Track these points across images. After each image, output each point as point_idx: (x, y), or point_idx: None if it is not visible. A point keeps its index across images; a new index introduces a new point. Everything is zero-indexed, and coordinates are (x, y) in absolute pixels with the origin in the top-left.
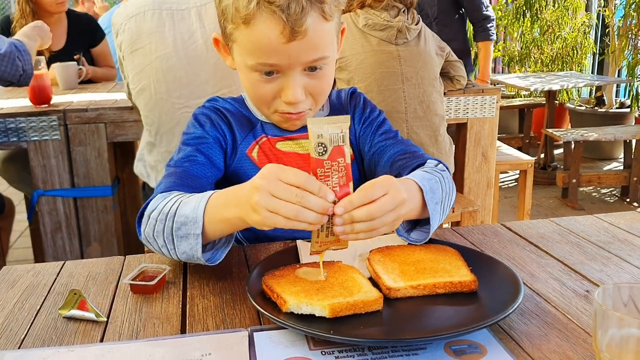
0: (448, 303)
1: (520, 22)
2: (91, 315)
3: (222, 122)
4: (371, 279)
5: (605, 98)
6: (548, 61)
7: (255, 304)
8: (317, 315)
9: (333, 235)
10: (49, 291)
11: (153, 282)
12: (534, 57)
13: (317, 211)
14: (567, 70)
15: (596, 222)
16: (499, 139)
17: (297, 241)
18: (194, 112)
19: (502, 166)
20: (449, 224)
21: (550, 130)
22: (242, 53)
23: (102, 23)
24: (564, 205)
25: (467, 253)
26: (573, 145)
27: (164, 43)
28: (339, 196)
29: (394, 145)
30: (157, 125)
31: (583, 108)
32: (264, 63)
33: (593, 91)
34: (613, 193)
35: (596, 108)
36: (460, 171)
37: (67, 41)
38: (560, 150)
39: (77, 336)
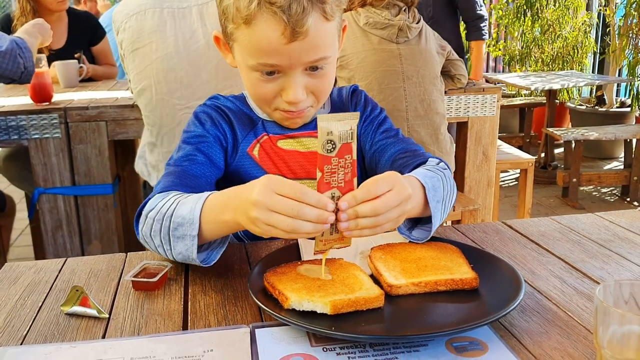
0: (449, 300)
1: (521, 21)
2: (93, 311)
3: (223, 121)
4: (372, 276)
5: (605, 97)
6: (549, 60)
7: (256, 301)
8: (319, 312)
9: (337, 232)
10: (51, 288)
11: (155, 279)
12: (535, 57)
13: (314, 221)
14: (568, 69)
15: (597, 221)
16: (500, 138)
17: (300, 241)
18: (195, 110)
19: (503, 165)
20: (449, 223)
21: (550, 129)
22: (243, 53)
23: (103, 21)
24: (565, 204)
25: (469, 250)
26: (573, 144)
27: (165, 43)
28: (343, 192)
29: (395, 143)
30: (159, 126)
31: (583, 107)
32: (265, 63)
33: (594, 90)
34: (613, 192)
35: (597, 107)
36: (460, 170)
37: (68, 39)
38: (560, 149)
39: (79, 332)
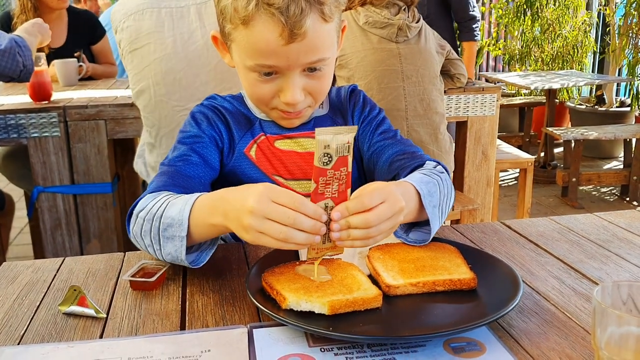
0: (447, 301)
1: (520, 21)
2: (91, 311)
3: (220, 121)
4: (371, 277)
5: (605, 97)
6: (548, 60)
7: (254, 301)
8: (317, 312)
9: (330, 241)
10: (49, 287)
11: (153, 279)
12: (535, 56)
13: (308, 231)
14: (568, 69)
15: (596, 221)
16: (499, 138)
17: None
18: (192, 110)
19: (502, 164)
20: (449, 222)
21: (550, 128)
22: (241, 53)
23: (103, 20)
24: (564, 204)
25: (467, 251)
26: (573, 144)
27: (164, 44)
28: (337, 202)
29: (393, 145)
30: (157, 127)
31: (583, 107)
32: (263, 64)
33: (593, 90)
34: (613, 192)
35: (596, 107)
36: (460, 169)
37: (68, 38)
38: (560, 148)
39: (77, 332)
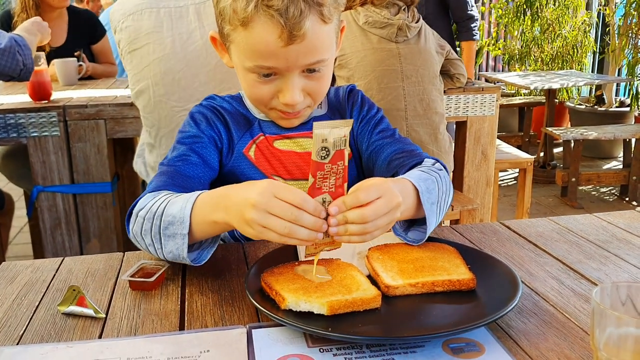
0: (446, 301)
1: (520, 21)
2: (90, 311)
3: (219, 121)
4: (370, 277)
5: (605, 97)
6: (548, 60)
7: (253, 301)
8: (316, 312)
9: (328, 236)
10: (48, 287)
11: (152, 279)
12: (534, 56)
13: (311, 229)
14: (567, 69)
15: (595, 221)
16: (499, 137)
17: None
18: (191, 110)
19: (502, 164)
20: (448, 222)
21: (549, 128)
22: (240, 54)
23: (103, 19)
24: (563, 204)
25: (466, 251)
26: (573, 143)
27: (163, 44)
28: (334, 197)
29: (392, 143)
30: (157, 127)
31: (583, 107)
32: (262, 66)
33: (593, 90)
34: (612, 192)
35: (596, 107)
36: (459, 169)
37: (68, 37)
38: (559, 148)
39: (76, 332)
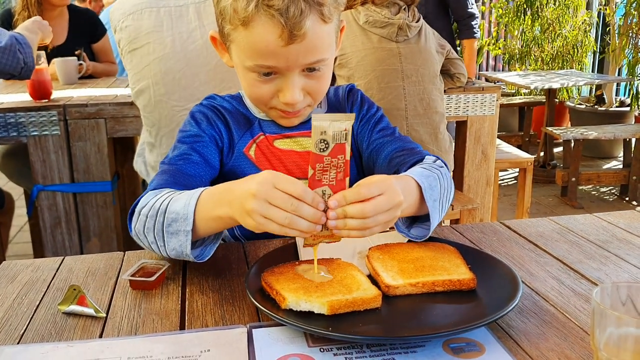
0: (447, 301)
1: (520, 20)
2: (90, 310)
3: (219, 120)
4: (370, 277)
5: (605, 97)
6: (548, 59)
7: (254, 301)
8: (316, 312)
9: (327, 229)
10: (49, 286)
11: (152, 278)
12: (535, 55)
13: (311, 220)
14: (568, 68)
15: (595, 221)
16: (499, 137)
17: (297, 238)
18: (191, 110)
19: (502, 164)
20: (448, 222)
21: (550, 128)
22: (240, 54)
23: (103, 18)
24: (563, 203)
25: (466, 251)
26: (573, 143)
27: (163, 43)
28: (335, 190)
29: (392, 142)
30: (157, 127)
31: (583, 106)
32: (262, 65)
33: (593, 90)
34: (612, 192)
35: (596, 106)
36: (459, 169)
37: (68, 36)
38: (559, 148)
39: (76, 332)
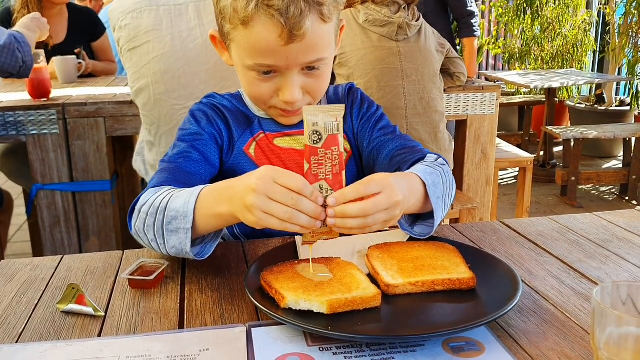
0: (446, 300)
1: (520, 19)
2: (89, 309)
3: (219, 119)
4: (370, 276)
5: (605, 96)
6: (548, 59)
7: (253, 300)
8: (316, 311)
9: (326, 226)
10: (47, 285)
11: (151, 277)
12: (534, 55)
13: (311, 215)
14: (568, 67)
15: (595, 220)
16: (499, 136)
17: (296, 237)
18: (191, 108)
19: (502, 163)
20: (448, 221)
21: (549, 127)
22: (240, 53)
23: (102, 17)
24: (563, 203)
25: (466, 250)
26: (572, 143)
27: (162, 42)
28: (331, 184)
29: (393, 140)
30: (157, 125)
31: (583, 106)
32: (262, 64)
33: (593, 89)
34: (612, 191)
35: (596, 106)
36: (459, 168)
37: (68, 34)
38: (559, 147)
39: (75, 331)
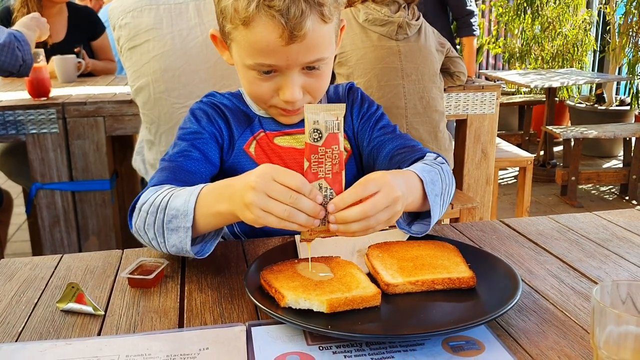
0: (446, 299)
1: (521, 19)
2: (89, 308)
3: (219, 118)
4: (369, 275)
5: (605, 96)
6: (548, 58)
7: (253, 299)
8: (315, 310)
9: (324, 224)
10: (47, 284)
11: (151, 276)
12: (535, 54)
13: (309, 214)
14: (568, 67)
15: (595, 220)
16: (499, 136)
17: (296, 236)
18: (191, 107)
19: (502, 163)
20: (448, 221)
21: (550, 127)
22: (241, 52)
23: (102, 16)
24: (563, 202)
25: (466, 249)
26: (572, 142)
27: (162, 41)
28: (331, 182)
29: (393, 139)
30: (157, 124)
31: (583, 105)
32: (262, 63)
33: (593, 89)
34: (612, 191)
35: (596, 105)
36: (459, 168)
37: (68, 33)
38: (559, 147)
39: (75, 329)
